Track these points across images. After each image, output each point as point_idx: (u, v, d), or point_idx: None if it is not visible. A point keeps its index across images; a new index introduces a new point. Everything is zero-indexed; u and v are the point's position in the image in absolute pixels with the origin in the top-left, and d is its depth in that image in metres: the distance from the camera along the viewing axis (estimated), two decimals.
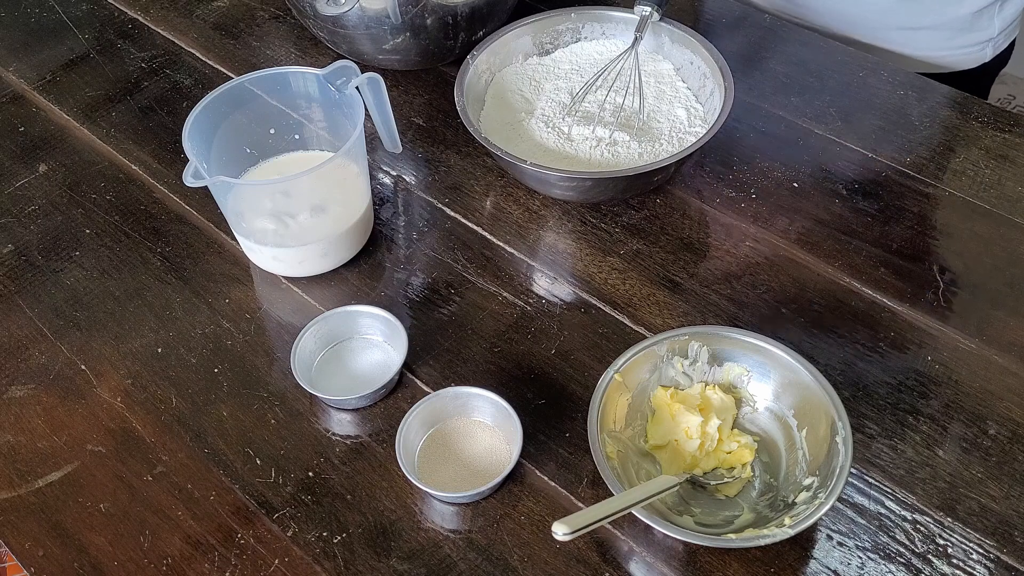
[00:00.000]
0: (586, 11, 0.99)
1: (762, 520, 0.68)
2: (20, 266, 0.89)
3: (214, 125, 0.85)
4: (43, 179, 0.97)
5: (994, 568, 0.67)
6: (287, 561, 0.69)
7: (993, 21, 1.08)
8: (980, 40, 1.09)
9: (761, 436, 0.73)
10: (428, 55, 1.01)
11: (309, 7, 0.97)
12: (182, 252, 0.90)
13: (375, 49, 0.99)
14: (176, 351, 0.82)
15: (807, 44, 1.07)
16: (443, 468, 0.72)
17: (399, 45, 0.98)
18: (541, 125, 0.92)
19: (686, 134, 0.91)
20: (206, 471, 0.74)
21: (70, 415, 0.78)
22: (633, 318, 0.82)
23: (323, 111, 0.89)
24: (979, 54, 1.11)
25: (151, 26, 1.15)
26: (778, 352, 0.72)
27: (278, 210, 0.83)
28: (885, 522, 0.69)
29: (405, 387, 0.79)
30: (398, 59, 1.01)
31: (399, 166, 0.97)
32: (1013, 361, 0.78)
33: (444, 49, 1.00)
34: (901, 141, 0.95)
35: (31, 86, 1.07)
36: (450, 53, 1.02)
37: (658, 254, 0.87)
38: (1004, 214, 0.88)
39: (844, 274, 0.84)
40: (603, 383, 0.71)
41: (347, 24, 0.97)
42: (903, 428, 0.74)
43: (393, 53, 1.00)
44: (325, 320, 0.79)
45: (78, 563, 0.69)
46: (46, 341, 0.83)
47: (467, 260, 0.87)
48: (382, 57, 1.01)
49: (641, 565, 0.68)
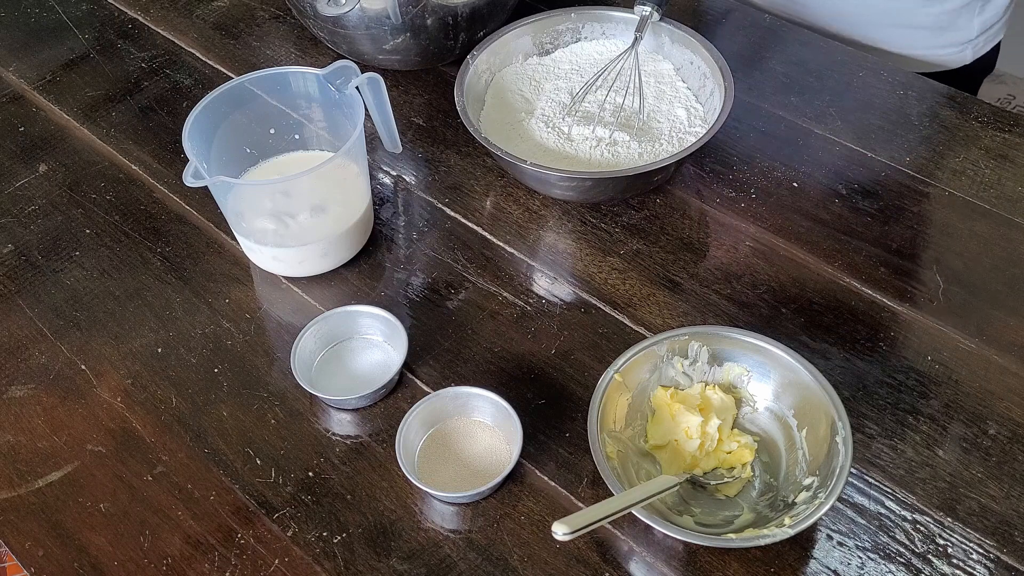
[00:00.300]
0: (586, 11, 0.99)
1: (762, 520, 0.68)
2: (20, 266, 0.89)
3: (214, 125, 0.85)
4: (43, 179, 0.97)
5: (994, 568, 0.67)
6: (287, 561, 0.69)
7: (972, 22, 1.08)
8: (959, 41, 1.09)
9: (761, 436, 0.73)
10: (428, 55, 1.01)
11: (309, 7, 0.97)
12: (182, 252, 0.90)
13: (375, 49, 0.99)
14: (176, 351, 0.82)
15: (807, 44, 1.07)
16: (443, 468, 0.72)
17: (399, 45, 0.98)
18: (541, 125, 0.92)
19: (686, 134, 0.91)
20: (206, 471, 0.74)
21: (70, 415, 0.78)
22: (633, 318, 0.82)
23: (323, 111, 0.89)
24: (959, 55, 1.11)
25: (151, 26, 1.15)
26: (778, 352, 0.72)
27: (278, 210, 0.83)
28: (885, 522, 0.69)
29: (405, 387, 0.79)
30: (398, 59, 1.01)
31: (399, 166, 0.97)
32: (1013, 361, 0.78)
33: (444, 49, 1.00)
34: (901, 141, 0.95)
35: (31, 86, 1.07)
36: (450, 53, 1.02)
37: (658, 254, 0.87)
38: (1004, 214, 0.88)
39: (844, 274, 0.84)
40: (603, 383, 0.71)
41: (347, 24, 0.97)
42: (903, 428, 0.74)
43: (393, 53, 1.00)
44: (325, 320, 0.79)
45: (78, 563, 0.69)
46: (46, 341, 0.83)
47: (467, 260, 0.87)
48: (382, 57, 1.01)
49: (641, 565, 0.68)
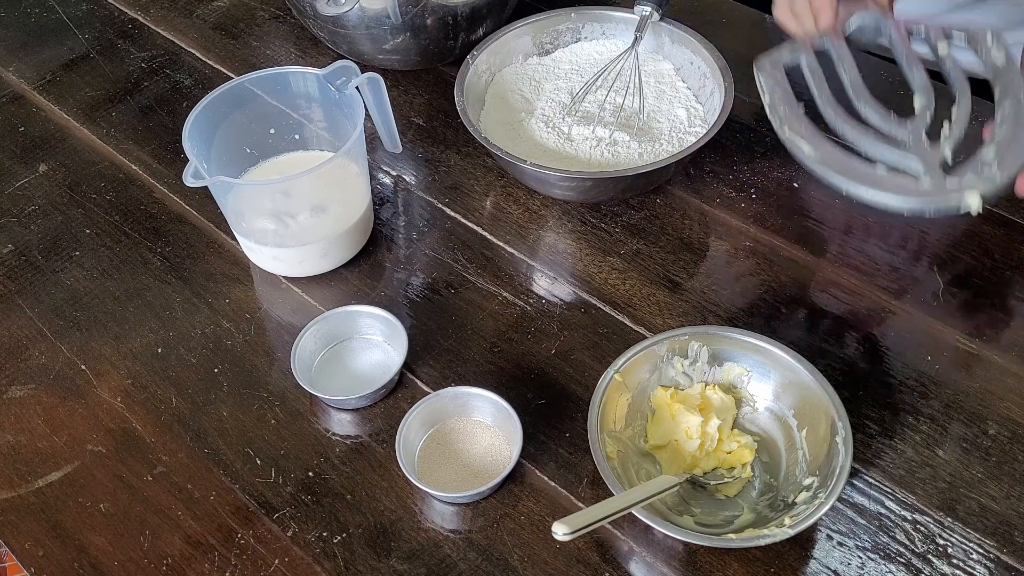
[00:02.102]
0: (586, 11, 0.99)
1: (762, 520, 0.68)
2: (20, 266, 0.89)
3: (214, 125, 0.85)
4: (43, 179, 0.97)
5: (994, 568, 0.67)
6: (287, 561, 0.69)
7: None
8: None
9: (761, 436, 0.73)
10: (428, 55, 1.01)
11: (309, 7, 0.97)
12: (182, 252, 0.90)
13: (375, 49, 0.99)
14: (176, 351, 0.82)
15: None
16: (443, 468, 0.72)
17: (399, 45, 0.98)
18: (541, 125, 0.92)
19: (686, 134, 0.91)
20: (206, 471, 0.74)
21: (70, 415, 0.78)
22: (633, 318, 0.82)
23: (323, 111, 0.89)
24: None
25: (151, 26, 1.15)
26: (778, 352, 0.72)
27: (278, 210, 0.83)
28: (885, 522, 0.69)
29: (405, 387, 0.79)
30: (398, 59, 1.01)
31: (399, 166, 0.97)
32: (1013, 361, 0.78)
33: (444, 49, 1.00)
34: None
35: (31, 86, 1.07)
36: (450, 53, 1.02)
37: (658, 254, 0.87)
38: (1004, 214, 0.88)
39: (844, 274, 0.84)
40: (603, 383, 0.71)
41: (347, 24, 0.97)
42: (903, 428, 0.74)
43: (393, 53, 1.00)
44: (325, 320, 0.79)
45: (78, 563, 0.69)
46: (46, 341, 0.83)
47: (467, 260, 0.87)
48: (382, 57, 1.01)
49: (641, 565, 0.68)
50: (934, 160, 0.67)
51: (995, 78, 0.72)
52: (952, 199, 0.65)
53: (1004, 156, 0.66)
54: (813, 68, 0.76)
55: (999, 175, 0.65)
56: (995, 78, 0.72)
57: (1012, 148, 0.66)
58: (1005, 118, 0.69)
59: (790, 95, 0.75)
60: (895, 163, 0.69)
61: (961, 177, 0.65)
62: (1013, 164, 0.66)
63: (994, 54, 0.73)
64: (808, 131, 0.72)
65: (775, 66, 0.77)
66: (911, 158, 0.68)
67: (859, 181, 0.67)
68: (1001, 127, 0.68)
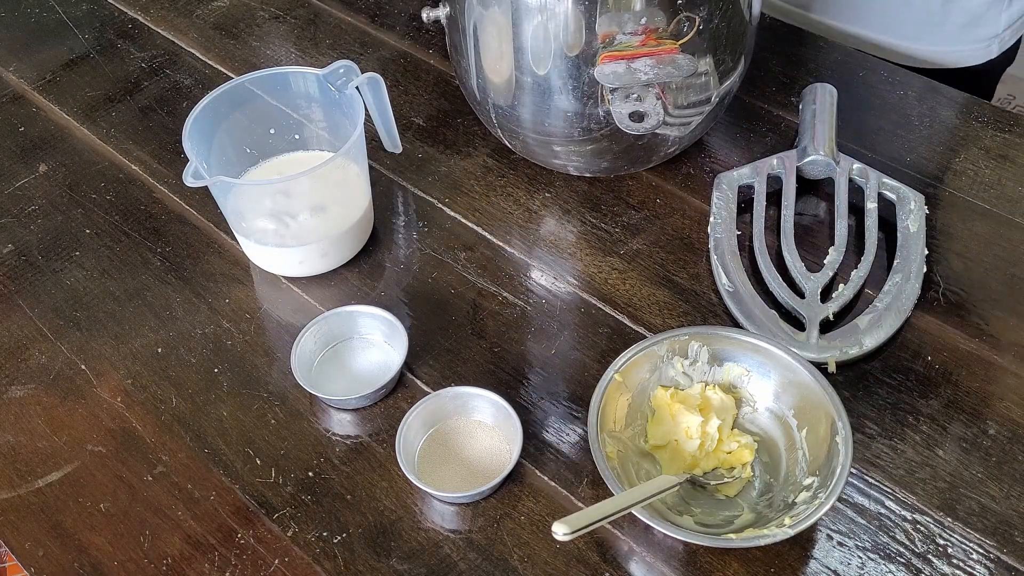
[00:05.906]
0: None
1: (762, 520, 0.68)
2: (20, 266, 0.89)
3: (214, 125, 0.85)
4: (43, 179, 0.97)
5: (994, 568, 0.67)
6: (287, 561, 0.69)
7: (1000, 17, 1.08)
8: (986, 36, 1.09)
9: (761, 436, 0.73)
10: (618, 165, 0.91)
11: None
12: (182, 252, 0.90)
13: (573, 156, 0.88)
14: (176, 351, 0.82)
15: (807, 44, 1.07)
16: (443, 468, 0.72)
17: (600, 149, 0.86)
18: None
19: None
20: (206, 471, 0.74)
21: (70, 415, 0.78)
22: (633, 318, 0.82)
23: (323, 111, 0.89)
24: (985, 51, 1.11)
25: (151, 26, 1.15)
26: (778, 352, 0.72)
27: (278, 210, 0.83)
28: (885, 522, 0.69)
29: (405, 387, 0.79)
30: (583, 164, 0.90)
31: (399, 166, 0.97)
32: (1013, 361, 0.78)
33: (638, 162, 0.90)
34: (901, 141, 0.95)
35: (31, 86, 1.07)
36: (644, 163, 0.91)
37: (658, 254, 0.87)
38: (1004, 214, 0.88)
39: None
40: (603, 383, 0.71)
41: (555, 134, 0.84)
42: (903, 428, 0.74)
43: (580, 156, 0.88)
44: (325, 320, 0.79)
45: (78, 563, 0.69)
46: (46, 341, 0.83)
47: (467, 260, 0.87)
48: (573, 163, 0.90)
49: (641, 565, 0.68)
50: (818, 317, 0.79)
51: (901, 245, 0.83)
52: (820, 355, 0.77)
53: (871, 329, 0.78)
54: (760, 194, 0.88)
55: (856, 349, 0.77)
56: (901, 245, 0.83)
57: (880, 322, 0.78)
58: (889, 291, 0.80)
59: (732, 222, 0.87)
60: (791, 309, 0.81)
61: (831, 340, 0.77)
62: (876, 338, 0.77)
63: (912, 218, 0.85)
64: (732, 263, 0.83)
65: (730, 186, 0.89)
66: (803, 310, 0.80)
67: (752, 325, 0.79)
68: (882, 300, 0.80)
